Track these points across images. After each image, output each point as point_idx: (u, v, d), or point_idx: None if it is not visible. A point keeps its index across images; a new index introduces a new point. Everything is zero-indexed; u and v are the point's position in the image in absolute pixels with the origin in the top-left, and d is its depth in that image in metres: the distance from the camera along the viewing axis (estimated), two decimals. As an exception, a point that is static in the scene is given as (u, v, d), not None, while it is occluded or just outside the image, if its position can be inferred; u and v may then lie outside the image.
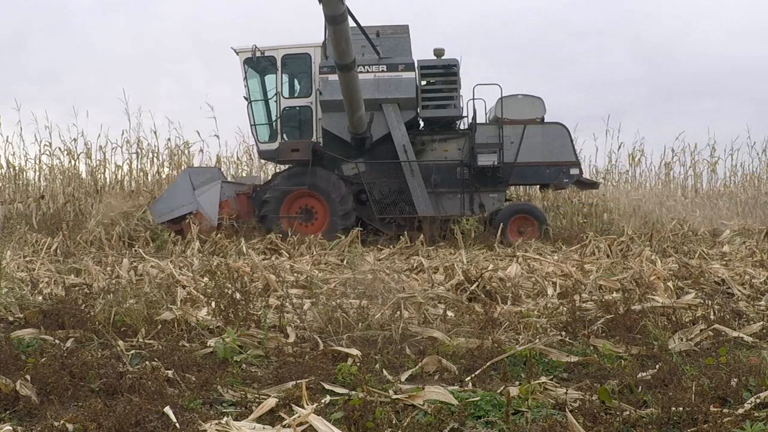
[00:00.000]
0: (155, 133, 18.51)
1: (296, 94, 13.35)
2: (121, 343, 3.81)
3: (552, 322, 4.67)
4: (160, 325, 4.41)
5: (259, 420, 2.67)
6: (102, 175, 18.45)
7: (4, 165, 18.77)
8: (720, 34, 48.00)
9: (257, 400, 3.00)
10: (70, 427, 2.56)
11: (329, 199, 12.40)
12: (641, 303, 4.78)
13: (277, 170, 15.16)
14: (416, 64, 12.69)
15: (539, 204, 15.79)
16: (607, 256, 9.21)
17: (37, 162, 18.54)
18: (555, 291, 5.96)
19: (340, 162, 12.84)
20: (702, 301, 4.92)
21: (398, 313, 4.60)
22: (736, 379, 2.93)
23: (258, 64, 13.10)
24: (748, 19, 49.86)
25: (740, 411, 2.56)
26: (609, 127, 19.43)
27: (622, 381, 3.16)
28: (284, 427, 2.48)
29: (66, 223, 11.75)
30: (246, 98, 13.22)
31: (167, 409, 2.70)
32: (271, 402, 2.79)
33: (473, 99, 12.97)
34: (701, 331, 4.16)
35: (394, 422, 2.62)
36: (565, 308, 4.89)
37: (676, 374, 3.18)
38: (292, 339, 4.24)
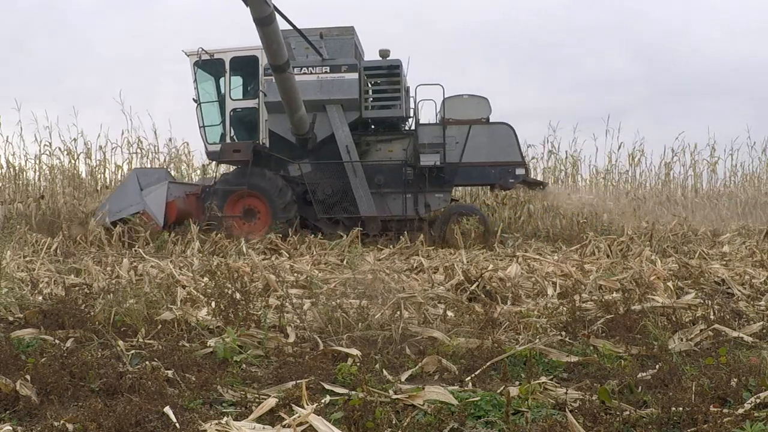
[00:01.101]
0: (155, 132, 18.57)
1: (244, 96, 13.54)
2: (121, 343, 3.81)
3: (552, 322, 4.67)
4: (160, 325, 4.41)
5: (259, 420, 2.67)
6: (102, 175, 18.47)
7: (4, 165, 18.78)
8: (720, 34, 48.02)
9: (257, 400, 3.00)
10: (70, 427, 2.56)
11: (269, 196, 12.55)
12: (641, 303, 4.78)
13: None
14: (360, 65, 12.79)
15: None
16: (607, 256, 9.21)
17: (37, 162, 18.56)
18: (555, 291, 5.96)
19: (287, 163, 13.01)
20: (702, 301, 4.92)
21: (398, 313, 4.60)
22: (736, 379, 2.93)
23: (207, 66, 13.39)
24: (748, 19, 49.85)
25: (740, 411, 2.56)
26: (609, 127, 19.42)
27: (622, 381, 3.16)
28: (284, 427, 2.48)
29: (66, 223, 11.76)
30: (195, 100, 13.49)
31: (167, 409, 2.70)
32: (271, 402, 2.79)
33: (412, 97, 13.16)
34: (701, 331, 4.16)
35: (394, 422, 2.62)
36: (565, 308, 4.89)
37: (676, 374, 3.18)
38: (292, 339, 4.24)
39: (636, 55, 47.02)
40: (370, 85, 13.03)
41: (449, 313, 4.85)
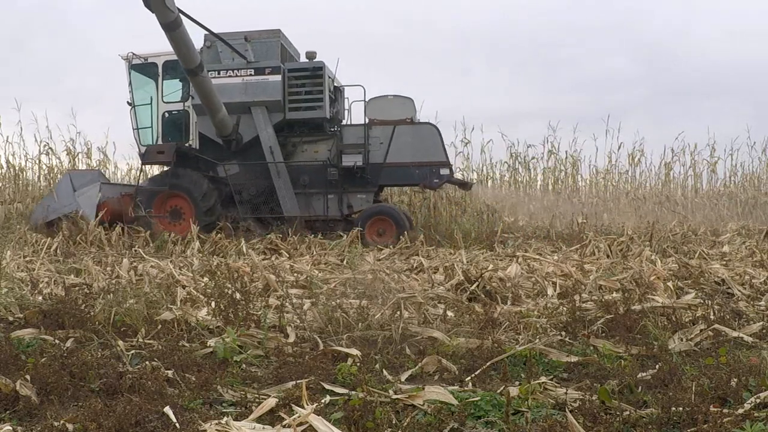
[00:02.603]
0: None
1: (175, 99, 13.70)
2: (121, 343, 3.81)
3: (552, 322, 4.67)
4: (160, 325, 4.41)
5: (259, 420, 2.67)
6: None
7: (4, 165, 18.81)
8: (720, 34, 48.05)
9: (257, 400, 3.00)
10: (70, 427, 2.56)
11: (192, 197, 12.73)
12: (641, 303, 4.78)
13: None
14: (283, 68, 12.98)
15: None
16: (607, 256, 9.20)
17: (37, 162, 18.57)
18: (555, 291, 5.96)
19: (215, 164, 13.22)
20: (702, 301, 4.92)
21: (398, 313, 4.59)
22: (736, 379, 2.93)
23: (142, 69, 13.70)
24: (748, 19, 49.86)
25: (740, 411, 2.56)
26: (609, 127, 19.46)
27: (622, 381, 3.16)
28: (284, 427, 2.48)
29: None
30: (129, 103, 13.78)
31: (167, 409, 2.70)
32: (271, 402, 2.79)
33: (347, 98, 13.47)
34: (701, 331, 4.16)
35: (394, 422, 2.62)
36: (565, 308, 4.89)
37: (676, 374, 3.18)
38: (292, 339, 4.24)
39: (636, 55, 47.04)
40: (293, 87, 13.16)
41: (449, 313, 4.85)
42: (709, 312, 4.60)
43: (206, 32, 12.73)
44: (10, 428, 2.61)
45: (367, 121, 13.10)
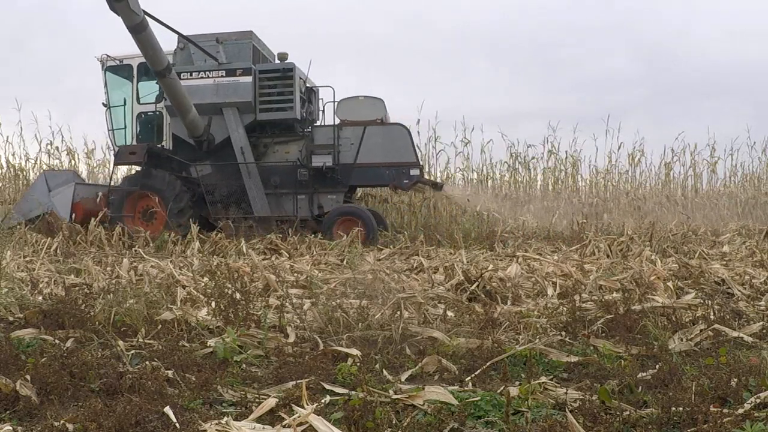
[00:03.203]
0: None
1: (150, 100, 13.84)
2: (121, 343, 3.81)
3: (552, 322, 4.67)
4: (160, 325, 4.41)
5: (259, 420, 2.67)
6: (102, 175, 18.49)
7: (4, 165, 18.82)
8: (720, 34, 48.06)
9: (257, 400, 3.00)
10: (70, 427, 2.56)
11: (164, 198, 12.86)
12: (641, 303, 4.78)
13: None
14: (254, 69, 13.11)
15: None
16: (607, 256, 9.20)
17: (38, 162, 18.57)
18: (555, 291, 5.96)
19: (188, 165, 13.39)
20: (702, 301, 4.92)
21: (398, 313, 4.59)
22: (736, 379, 2.93)
23: (118, 71, 13.92)
24: (748, 19, 49.86)
25: (740, 411, 2.56)
26: (609, 127, 19.49)
27: (622, 381, 3.16)
28: (284, 427, 2.48)
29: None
30: (105, 104, 14.00)
31: (167, 409, 2.70)
32: (271, 402, 2.79)
33: (321, 99, 13.66)
34: (701, 331, 4.16)
35: (394, 422, 2.62)
36: (565, 308, 4.89)
37: (676, 374, 3.18)
38: (292, 339, 4.24)
39: (636, 55, 47.06)
40: (264, 89, 13.29)
41: (449, 313, 4.85)
42: (709, 312, 4.60)
43: (178, 35, 12.94)
44: (10, 428, 2.61)
45: (337, 121, 13.27)
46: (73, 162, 18.76)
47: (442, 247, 10.85)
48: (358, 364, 3.52)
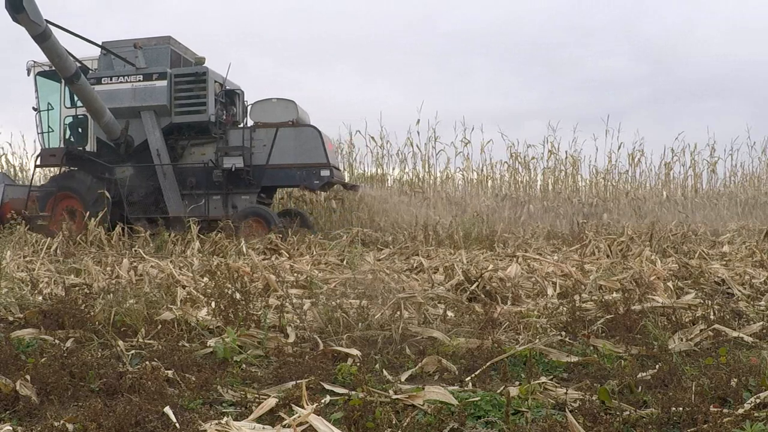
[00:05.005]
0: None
1: (77, 104, 14.03)
2: (121, 343, 3.81)
3: (552, 322, 4.67)
4: (160, 325, 4.41)
5: (259, 420, 2.67)
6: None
7: (4, 165, 18.81)
8: (720, 34, 48.06)
9: (257, 400, 3.00)
10: (70, 427, 2.56)
11: (83, 199, 13.26)
12: (641, 303, 4.77)
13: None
14: (169, 73, 13.43)
15: None
16: (607, 256, 9.20)
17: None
18: (555, 291, 5.96)
19: (109, 167, 13.71)
20: (702, 301, 4.92)
21: (398, 313, 4.59)
22: (736, 379, 2.93)
23: (48, 76, 14.15)
24: (748, 19, 49.87)
25: (740, 411, 2.56)
26: (609, 127, 19.59)
27: (622, 381, 3.16)
28: (284, 427, 2.48)
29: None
30: (35, 108, 14.32)
31: (167, 409, 2.70)
32: (271, 402, 2.79)
33: (246, 101, 14.00)
34: (701, 331, 4.16)
35: (394, 422, 2.62)
36: (565, 308, 4.88)
37: (676, 374, 3.18)
38: (292, 339, 4.24)
39: (637, 55, 47.07)
40: (179, 92, 13.59)
41: (449, 313, 4.85)
42: (709, 312, 4.60)
43: (102, 42, 13.49)
44: (10, 428, 2.61)
45: (251, 123, 13.57)
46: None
47: (442, 247, 10.84)
48: (358, 364, 3.52)
